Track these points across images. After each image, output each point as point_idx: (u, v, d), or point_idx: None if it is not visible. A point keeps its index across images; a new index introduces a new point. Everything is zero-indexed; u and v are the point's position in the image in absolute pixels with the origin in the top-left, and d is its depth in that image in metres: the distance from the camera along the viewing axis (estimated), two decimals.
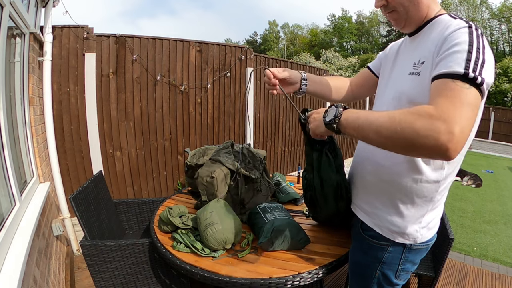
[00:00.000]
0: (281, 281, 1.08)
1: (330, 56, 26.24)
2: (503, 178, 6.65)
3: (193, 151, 1.99)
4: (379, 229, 0.96)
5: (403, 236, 0.93)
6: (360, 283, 1.05)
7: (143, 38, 3.02)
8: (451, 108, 0.66)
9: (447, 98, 0.67)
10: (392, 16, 0.92)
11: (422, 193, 0.89)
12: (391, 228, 0.93)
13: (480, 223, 3.82)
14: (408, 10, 0.88)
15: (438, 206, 0.94)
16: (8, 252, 1.19)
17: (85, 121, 2.77)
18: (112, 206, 2.04)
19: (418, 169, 0.87)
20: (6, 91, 1.66)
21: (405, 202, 0.91)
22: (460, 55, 0.71)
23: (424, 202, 0.90)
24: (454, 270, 2.50)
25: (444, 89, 0.69)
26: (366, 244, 1.00)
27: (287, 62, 4.61)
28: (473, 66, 0.69)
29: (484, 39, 0.74)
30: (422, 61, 0.84)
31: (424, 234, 0.93)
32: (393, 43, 1.13)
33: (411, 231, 0.92)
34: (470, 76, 0.68)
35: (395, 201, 0.93)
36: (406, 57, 0.96)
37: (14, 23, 1.74)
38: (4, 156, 1.46)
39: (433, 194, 0.90)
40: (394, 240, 0.93)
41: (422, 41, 0.89)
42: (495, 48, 28.67)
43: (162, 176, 3.33)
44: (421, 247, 0.95)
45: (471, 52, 0.71)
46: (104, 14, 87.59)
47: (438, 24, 0.85)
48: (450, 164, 0.87)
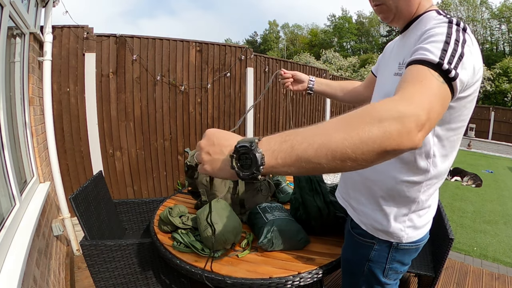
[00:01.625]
0: (281, 281, 1.08)
1: (330, 56, 26.23)
2: (503, 178, 6.65)
3: (193, 151, 1.99)
4: (364, 226, 0.95)
5: (387, 234, 0.91)
6: (350, 280, 1.05)
7: (143, 38, 3.02)
8: (417, 94, 0.57)
9: (415, 85, 0.59)
10: (381, 9, 0.89)
11: (404, 192, 0.87)
12: (375, 226, 0.92)
13: (480, 223, 3.82)
14: (397, 4, 0.85)
15: (426, 207, 0.91)
16: (8, 252, 1.19)
17: (85, 121, 2.77)
18: (112, 206, 2.04)
19: (398, 169, 0.85)
20: (6, 91, 1.66)
21: (387, 201, 0.90)
22: (436, 44, 0.65)
23: (407, 202, 0.88)
24: (454, 270, 2.50)
25: (415, 75, 0.62)
26: (355, 241, 0.99)
27: (287, 62, 4.61)
28: (449, 58, 0.63)
29: (466, 35, 0.69)
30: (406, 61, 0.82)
31: (410, 234, 0.90)
32: (389, 43, 1.12)
33: (394, 230, 0.90)
34: (444, 68, 0.62)
35: (378, 199, 0.92)
36: (394, 57, 0.94)
37: (14, 23, 1.74)
38: (4, 156, 1.46)
39: (416, 194, 0.87)
40: (379, 238, 0.92)
41: (409, 39, 0.86)
42: (495, 48, 28.68)
43: (162, 176, 3.33)
44: (408, 247, 0.92)
45: (448, 43, 0.66)
46: (104, 14, 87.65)
47: (424, 21, 0.82)
48: (435, 166, 0.84)
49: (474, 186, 5.62)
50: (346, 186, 1.09)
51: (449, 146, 0.83)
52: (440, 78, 0.62)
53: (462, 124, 0.80)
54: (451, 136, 0.81)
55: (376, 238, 0.93)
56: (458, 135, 0.83)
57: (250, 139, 0.53)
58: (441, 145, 0.82)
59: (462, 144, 12.21)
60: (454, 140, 0.83)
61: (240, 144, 0.53)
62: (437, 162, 0.83)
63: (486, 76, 19.13)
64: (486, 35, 29.18)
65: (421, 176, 0.85)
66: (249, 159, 0.52)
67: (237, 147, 0.53)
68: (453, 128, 0.80)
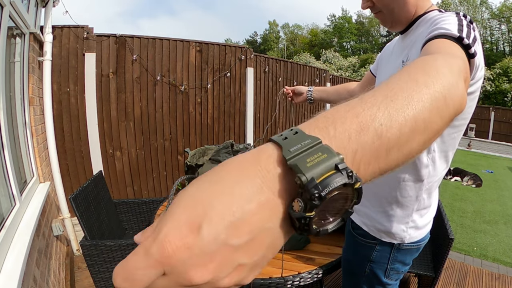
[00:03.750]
0: (281, 281, 1.08)
1: (330, 56, 26.25)
2: (503, 178, 6.65)
3: (193, 151, 1.99)
4: (366, 228, 0.96)
5: (389, 235, 0.91)
6: (351, 280, 1.05)
7: (143, 38, 3.02)
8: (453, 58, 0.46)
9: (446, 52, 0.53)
10: (379, 16, 0.92)
11: (406, 192, 0.87)
12: (378, 227, 0.93)
13: (480, 223, 3.82)
14: (393, 12, 0.87)
15: (427, 206, 0.91)
16: (8, 252, 1.19)
17: (85, 121, 2.77)
18: (112, 206, 2.04)
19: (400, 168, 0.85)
20: (6, 91, 1.66)
21: (390, 202, 0.90)
22: (451, 25, 0.62)
23: (409, 202, 0.88)
24: (454, 270, 2.50)
25: (440, 46, 0.56)
26: (356, 242, 0.99)
27: (287, 62, 4.61)
28: (466, 34, 0.59)
29: (475, 30, 0.66)
30: (412, 58, 0.83)
31: (412, 234, 0.91)
32: (388, 44, 1.14)
33: (397, 231, 0.90)
34: (465, 42, 0.57)
35: (381, 201, 0.92)
36: (396, 56, 0.95)
37: (14, 23, 1.74)
38: (4, 156, 1.46)
39: (418, 193, 0.87)
40: (381, 239, 0.92)
41: (411, 38, 0.88)
42: (495, 48, 28.69)
43: (162, 176, 3.33)
44: (410, 247, 0.93)
45: (462, 25, 0.62)
46: (104, 14, 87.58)
47: (427, 20, 0.83)
48: (434, 163, 0.85)
49: (474, 186, 5.62)
50: None
51: (449, 143, 0.84)
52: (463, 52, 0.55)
53: (464, 122, 0.82)
54: (452, 132, 0.82)
55: (377, 239, 0.93)
56: (459, 132, 0.84)
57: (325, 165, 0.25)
58: (442, 141, 0.83)
59: (462, 144, 12.25)
60: (455, 138, 0.84)
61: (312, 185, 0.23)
62: (435, 158, 0.84)
63: (486, 76, 19.15)
64: (486, 35, 29.18)
65: (422, 173, 0.85)
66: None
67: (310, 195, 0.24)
68: (455, 125, 0.81)
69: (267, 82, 4.28)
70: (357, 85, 1.35)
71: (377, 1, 0.87)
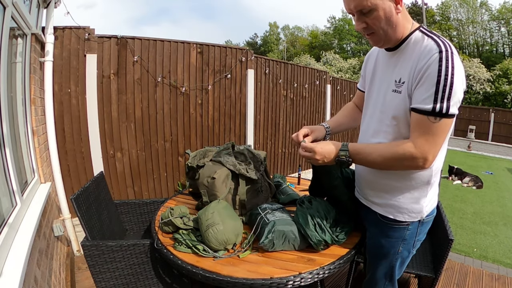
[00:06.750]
0: (282, 281, 1.08)
1: (330, 58, 26.26)
2: (503, 180, 6.66)
3: (194, 153, 1.99)
4: (393, 216, 1.14)
5: (418, 214, 1.12)
6: (384, 262, 1.22)
7: (144, 40, 3.03)
8: (426, 145, 0.94)
9: (423, 136, 0.95)
10: (372, 37, 1.02)
11: (421, 177, 1.08)
12: (405, 212, 1.12)
13: (480, 224, 3.82)
14: (386, 33, 0.99)
15: (434, 184, 1.13)
16: (9, 252, 1.19)
17: (86, 122, 2.77)
18: (113, 207, 2.04)
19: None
20: (8, 91, 1.67)
21: (410, 190, 1.10)
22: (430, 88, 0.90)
23: (425, 185, 1.10)
24: (454, 271, 2.50)
25: (419, 126, 0.95)
26: (388, 227, 1.16)
27: (288, 64, 4.62)
28: (440, 97, 0.89)
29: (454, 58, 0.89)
30: (403, 81, 1.00)
31: (428, 208, 1.14)
32: (368, 55, 1.26)
33: (422, 209, 1.12)
34: (437, 110, 0.90)
35: (403, 191, 1.11)
36: (387, 73, 1.09)
37: (16, 23, 1.74)
38: (5, 156, 1.46)
39: (429, 177, 1.09)
40: (412, 220, 1.12)
41: (401, 60, 1.03)
42: (495, 50, 28.69)
43: (162, 177, 3.34)
44: (428, 219, 1.16)
45: (439, 82, 0.88)
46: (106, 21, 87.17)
47: (415, 44, 0.99)
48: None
49: (475, 188, 5.63)
50: (361, 188, 1.28)
51: None
52: (437, 118, 0.91)
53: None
54: None
55: (408, 221, 1.13)
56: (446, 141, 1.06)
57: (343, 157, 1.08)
58: None
59: (462, 145, 12.27)
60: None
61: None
62: None
63: (486, 78, 19.14)
64: (486, 37, 29.21)
65: None
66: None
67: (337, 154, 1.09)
68: None
69: (267, 84, 4.29)
70: (353, 103, 1.48)
71: (372, 23, 0.97)
